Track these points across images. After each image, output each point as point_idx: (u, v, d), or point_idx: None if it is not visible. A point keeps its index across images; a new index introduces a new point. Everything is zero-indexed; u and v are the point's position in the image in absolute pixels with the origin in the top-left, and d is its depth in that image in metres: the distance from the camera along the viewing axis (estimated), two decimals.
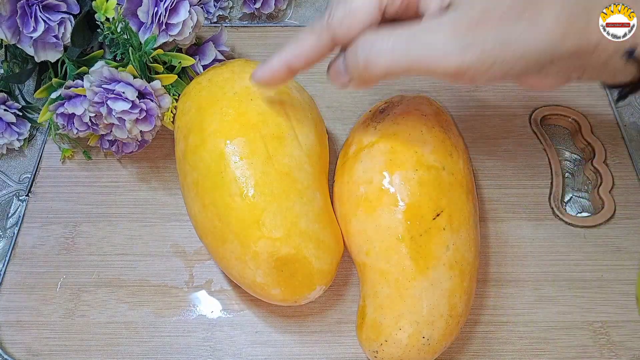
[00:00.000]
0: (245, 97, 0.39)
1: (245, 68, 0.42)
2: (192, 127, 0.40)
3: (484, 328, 0.41)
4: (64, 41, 0.44)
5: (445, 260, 0.36)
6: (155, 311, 0.42)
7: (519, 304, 0.42)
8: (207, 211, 0.37)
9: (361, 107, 0.50)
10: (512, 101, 0.52)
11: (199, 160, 0.38)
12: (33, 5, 0.42)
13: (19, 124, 0.49)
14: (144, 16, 0.43)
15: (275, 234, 0.36)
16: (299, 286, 0.37)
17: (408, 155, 0.38)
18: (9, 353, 0.40)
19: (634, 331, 0.41)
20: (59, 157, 0.49)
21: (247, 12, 0.57)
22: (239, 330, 0.41)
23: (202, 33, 0.50)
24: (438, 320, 0.35)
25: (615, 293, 0.42)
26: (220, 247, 0.37)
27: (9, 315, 0.42)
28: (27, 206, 0.46)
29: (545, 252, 0.44)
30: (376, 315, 0.37)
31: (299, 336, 0.41)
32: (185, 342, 0.40)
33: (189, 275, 0.43)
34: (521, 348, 0.40)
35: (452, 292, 0.36)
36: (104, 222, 0.46)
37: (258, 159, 0.37)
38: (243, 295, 0.42)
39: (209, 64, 0.47)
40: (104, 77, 0.41)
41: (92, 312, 0.42)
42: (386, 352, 0.36)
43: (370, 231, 0.37)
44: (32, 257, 0.44)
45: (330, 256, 0.38)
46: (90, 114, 0.42)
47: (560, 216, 0.46)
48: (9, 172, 0.50)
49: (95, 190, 0.47)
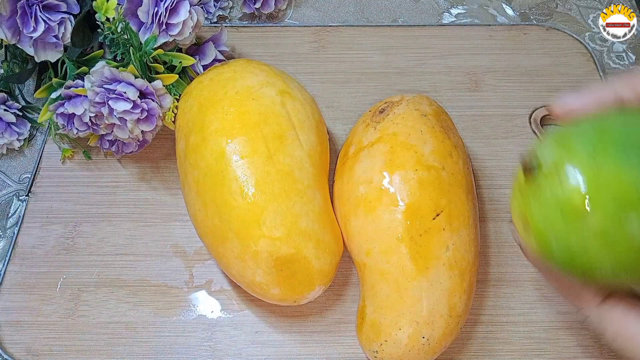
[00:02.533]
0: (247, 97, 0.39)
1: (246, 68, 0.42)
2: (194, 126, 0.40)
3: (484, 328, 0.41)
4: (64, 41, 0.44)
5: (445, 260, 0.36)
6: (155, 311, 0.42)
7: (519, 304, 0.42)
8: (208, 210, 0.37)
9: (361, 107, 0.50)
10: (512, 101, 0.52)
11: (200, 159, 0.38)
12: (33, 5, 0.42)
13: (19, 124, 0.49)
14: (144, 16, 0.43)
15: (276, 233, 0.36)
16: (299, 286, 0.37)
17: (408, 155, 0.38)
18: (9, 353, 0.40)
19: None
20: (59, 157, 0.49)
21: (247, 12, 0.57)
22: (239, 330, 0.41)
23: (202, 33, 0.50)
24: (438, 320, 0.35)
25: None
26: (220, 246, 0.37)
27: (9, 315, 0.42)
28: (27, 206, 0.46)
29: None
30: (376, 315, 0.37)
31: (299, 336, 0.41)
32: (185, 342, 0.40)
33: (189, 275, 0.43)
34: (521, 348, 0.40)
35: (452, 292, 0.36)
36: (104, 222, 0.46)
37: (259, 158, 0.37)
38: (243, 295, 0.42)
39: (209, 64, 0.47)
40: (105, 77, 0.41)
41: (92, 312, 0.42)
42: (386, 352, 0.36)
43: (370, 231, 0.37)
44: (32, 257, 0.44)
45: (330, 256, 0.38)
46: (91, 114, 0.42)
47: None
48: (9, 172, 0.50)
49: (95, 190, 0.47)
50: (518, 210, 0.26)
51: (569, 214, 0.24)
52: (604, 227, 0.23)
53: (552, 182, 0.24)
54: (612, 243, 0.23)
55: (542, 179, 0.25)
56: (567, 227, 0.24)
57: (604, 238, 0.23)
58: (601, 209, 0.23)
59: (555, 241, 0.25)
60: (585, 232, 0.24)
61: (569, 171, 0.24)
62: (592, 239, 0.24)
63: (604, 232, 0.23)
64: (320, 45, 0.55)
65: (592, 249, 0.24)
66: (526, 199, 0.26)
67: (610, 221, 0.23)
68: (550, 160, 0.25)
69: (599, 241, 0.24)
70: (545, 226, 0.25)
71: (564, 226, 0.24)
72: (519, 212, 0.26)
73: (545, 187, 0.25)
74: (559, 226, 0.24)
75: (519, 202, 0.26)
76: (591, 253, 0.24)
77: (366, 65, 0.54)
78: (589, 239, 0.24)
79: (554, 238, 0.25)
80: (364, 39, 0.55)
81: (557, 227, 0.24)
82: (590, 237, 0.24)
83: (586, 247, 0.24)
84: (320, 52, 0.54)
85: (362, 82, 0.53)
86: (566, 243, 0.24)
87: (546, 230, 0.25)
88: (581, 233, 0.24)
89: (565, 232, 0.24)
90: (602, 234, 0.23)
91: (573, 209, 0.23)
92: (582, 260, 0.25)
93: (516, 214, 0.27)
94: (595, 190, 0.23)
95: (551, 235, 0.25)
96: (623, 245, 0.23)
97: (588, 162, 0.23)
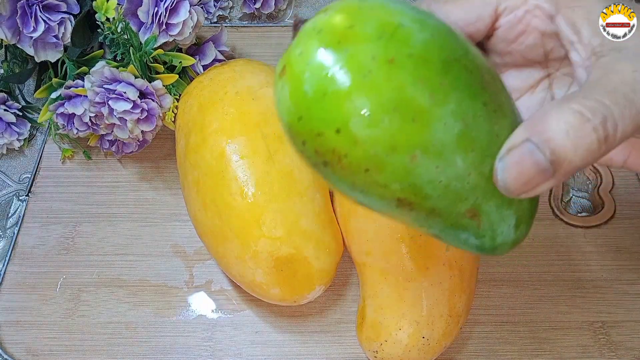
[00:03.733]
0: (247, 97, 0.39)
1: (246, 68, 0.42)
2: (194, 126, 0.40)
3: (484, 328, 0.41)
4: (64, 41, 0.44)
5: (445, 260, 0.36)
6: (155, 311, 0.42)
7: (519, 304, 0.42)
8: (208, 210, 0.37)
9: None
10: None
11: (200, 159, 0.38)
12: (33, 5, 0.42)
13: (19, 124, 0.49)
14: (144, 16, 0.43)
15: (276, 233, 0.36)
16: (299, 286, 0.37)
17: None
18: (9, 353, 0.40)
19: (634, 331, 0.41)
20: (59, 157, 0.49)
21: (247, 12, 0.57)
22: (239, 330, 0.41)
23: (202, 33, 0.50)
24: (438, 320, 0.35)
25: (615, 293, 0.42)
26: (220, 246, 0.37)
27: (9, 315, 0.41)
28: (27, 206, 0.46)
29: (545, 252, 0.44)
30: (376, 315, 0.37)
31: (299, 336, 0.41)
32: (185, 342, 0.40)
33: (189, 275, 0.43)
34: (521, 348, 0.40)
35: (452, 292, 0.36)
36: (104, 222, 0.46)
37: (259, 158, 0.37)
38: (243, 295, 0.42)
39: (209, 64, 0.47)
40: (105, 77, 0.41)
41: (92, 312, 0.42)
42: (386, 352, 0.36)
43: (370, 231, 0.37)
44: (32, 257, 0.44)
45: (330, 256, 0.38)
46: (90, 114, 0.42)
47: (560, 216, 0.46)
48: (9, 172, 0.50)
49: (95, 190, 0.47)
50: (280, 66, 0.23)
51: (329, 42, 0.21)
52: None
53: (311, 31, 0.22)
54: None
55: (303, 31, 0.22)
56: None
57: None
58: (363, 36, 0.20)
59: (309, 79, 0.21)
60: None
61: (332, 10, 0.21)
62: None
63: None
64: None
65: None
66: (288, 51, 0.23)
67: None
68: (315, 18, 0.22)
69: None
70: (301, 65, 0.21)
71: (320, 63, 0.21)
72: (280, 66, 0.23)
73: (303, 36, 0.22)
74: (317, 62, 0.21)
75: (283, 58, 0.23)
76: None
77: None
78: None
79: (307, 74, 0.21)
80: None
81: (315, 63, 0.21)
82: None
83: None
84: None
85: None
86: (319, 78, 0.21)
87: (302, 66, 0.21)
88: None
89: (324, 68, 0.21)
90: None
91: (334, 35, 0.21)
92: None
93: (278, 73, 0.23)
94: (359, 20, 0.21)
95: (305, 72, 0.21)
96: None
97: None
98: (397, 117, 0.20)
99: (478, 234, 0.24)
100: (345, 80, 0.20)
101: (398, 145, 0.21)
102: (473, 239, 0.24)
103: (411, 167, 0.21)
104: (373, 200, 0.23)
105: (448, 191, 0.22)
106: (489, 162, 0.22)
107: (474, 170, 0.22)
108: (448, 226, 0.24)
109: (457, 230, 0.24)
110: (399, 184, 0.22)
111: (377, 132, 0.21)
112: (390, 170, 0.21)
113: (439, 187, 0.22)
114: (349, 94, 0.20)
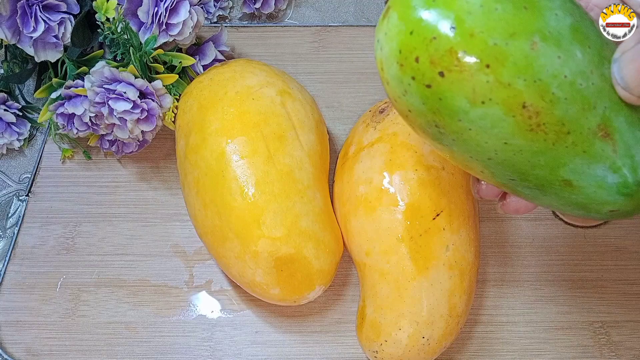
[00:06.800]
0: (247, 97, 0.39)
1: (246, 68, 0.42)
2: (194, 126, 0.40)
3: (484, 328, 0.41)
4: (64, 41, 0.44)
5: (445, 260, 0.36)
6: (155, 311, 0.42)
7: (519, 304, 0.42)
8: (208, 210, 0.37)
9: (361, 107, 0.50)
10: None
11: (200, 159, 0.38)
12: (33, 5, 0.42)
13: (19, 124, 0.49)
14: (144, 16, 0.43)
15: (276, 233, 0.36)
16: (299, 286, 0.37)
17: (408, 155, 0.38)
18: (9, 353, 0.40)
19: (634, 331, 0.41)
20: (59, 157, 0.49)
21: (247, 12, 0.57)
22: (239, 330, 0.41)
23: (202, 33, 0.50)
24: (438, 320, 0.35)
25: (615, 293, 0.42)
26: (220, 246, 0.37)
27: (9, 315, 0.42)
28: (27, 206, 0.46)
29: (545, 252, 0.44)
30: (376, 315, 0.37)
31: (299, 336, 0.41)
32: (185, 342, 0.40)
33: (189, 275, 0.43)
34: (521, 348, 0.40)
35: (452, 292, 0.36)
36: (104, 222, 0.46)
37: (259, 158, 0.37)
38: (243, 295, 0.42)
39: (209, 64, 0.47)
40: (105, 77, 0.41)
41: (92, 312, 0.42)
42: (386, 352, 0.36)
43: (370, 231, 0.37)
44: (32, 257, 0.44)
45: (330, 256, 0.38)
46: (90, 114, 0.42)
47: (560, 216, 0.46)
48: (9, 172, 0.50)
49: (95, 190, 0.47)
50: (383, 12, 0.24)
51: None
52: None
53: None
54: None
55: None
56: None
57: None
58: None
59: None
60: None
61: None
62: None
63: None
64: (320, 45, 0.55)
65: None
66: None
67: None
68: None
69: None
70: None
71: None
72: (384, 11, 0.24)
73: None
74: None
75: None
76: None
77: (366, 65, 0.53)
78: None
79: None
80: (364, 39, 0.55)
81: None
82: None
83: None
84: (320, 52, 0.54)
85: (362, 82, 0.53)
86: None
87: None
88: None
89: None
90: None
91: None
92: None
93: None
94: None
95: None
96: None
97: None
98: (509, 4, 0.21)
99: (615, 165, 0.23)
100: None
101: (516, 31, 0.21)
102: (611, 175, 0.23)
103: (533, 56, 0.21)
104: (495, 118, 0.22)
105: (574, 91, 0.22)
106: (607, 65, 0.22)
107: (595, 68, 0.22)
108: (581, 154, 0.23)
109: (591, 162, 0.23)
110: (523, 79, 0.21)
111: (492, 20, 0.21)
112: (512, 61, 0.21)
113: (565, 85, 0.22)
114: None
